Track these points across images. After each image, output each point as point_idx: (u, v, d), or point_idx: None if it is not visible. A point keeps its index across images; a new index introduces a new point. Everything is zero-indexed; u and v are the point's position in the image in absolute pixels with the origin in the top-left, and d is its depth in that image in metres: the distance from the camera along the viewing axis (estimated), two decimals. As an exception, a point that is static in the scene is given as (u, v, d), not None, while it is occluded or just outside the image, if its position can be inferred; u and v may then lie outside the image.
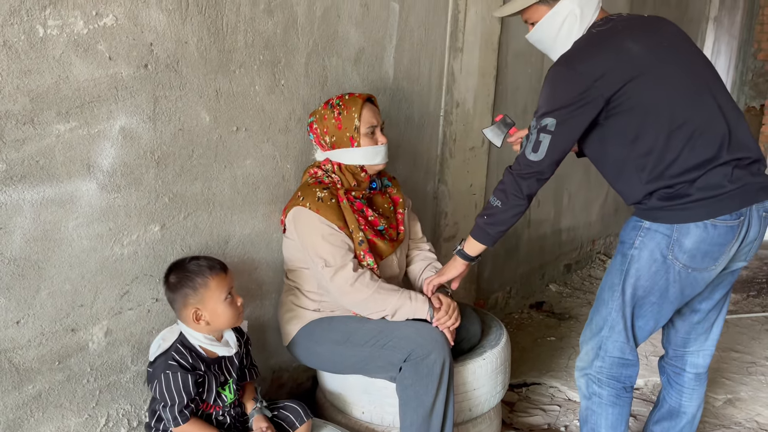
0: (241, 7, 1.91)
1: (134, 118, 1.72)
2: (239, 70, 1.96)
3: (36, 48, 1.50)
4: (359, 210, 2.05)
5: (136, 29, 1.68)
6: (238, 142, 2.01)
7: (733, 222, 1.73)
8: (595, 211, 4.63)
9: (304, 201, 1.99)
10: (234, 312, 1.76)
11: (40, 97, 1.53)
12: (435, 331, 1.94)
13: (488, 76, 3.05)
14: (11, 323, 1.58)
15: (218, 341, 1.78)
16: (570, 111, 1.74)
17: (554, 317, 3.79)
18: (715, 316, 2.03)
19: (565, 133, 1.77)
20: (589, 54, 1.76)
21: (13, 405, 1.62)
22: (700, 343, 2.08)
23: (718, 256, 1.77)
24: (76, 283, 1.69)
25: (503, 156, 3.37)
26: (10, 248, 1.54)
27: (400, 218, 2.20)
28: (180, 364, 1.68)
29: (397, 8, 2.47)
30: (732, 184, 1.71)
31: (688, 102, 1.73)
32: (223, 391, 1.79)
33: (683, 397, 2.14)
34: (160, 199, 1.83)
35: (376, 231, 2.07)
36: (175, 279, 1.73)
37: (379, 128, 2.08)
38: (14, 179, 1.52)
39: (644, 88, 1.71)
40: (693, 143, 1.71)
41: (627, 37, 1.75)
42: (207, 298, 1.72)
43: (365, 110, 2.03)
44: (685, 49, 1.82)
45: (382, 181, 2.21)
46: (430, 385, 1.87)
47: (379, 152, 2.07)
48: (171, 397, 1.66)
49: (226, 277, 1.76)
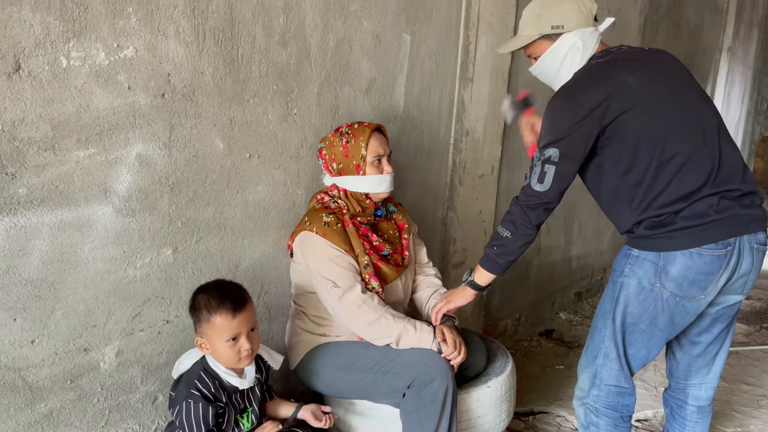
0: (256, 39, 1.98)
1: (150, 145, 1.79)
2: (253, 99, 2.02)
3: (59, 78, 1.57)
4: (364, 235, 2.09)
5: (155, 60, 1.75)
6: (251, 168, 2.06)
7: (719, 251, 1.75)
8: (606, 240, 4.64)
9: (311, 226, 2.03)
10: (233, 356, 1.71)
11: (61, 124, 1.59)
12: (438, 358, 1.96)
13: (498, 106, 3.09)
14: (26, 342, 1.63)
15: (235, 372, 1.77)
16: (570, 141, 1.79)
17: (563, 345, 3.78)
18: (716, 349, 2.03)
19: (567, 162, 1.82)
20: (588, 86, 1.81)
21: (25, 423, 1.66)
22: (701, 376, 2.07)
23: (706, 285, 1.79)
24: (89, 304, 1.74)
25: (513, 183, 3.41)
26: (28, 270, 1.60)
27: (405, 243, 2.23)
28: (202, 394, 1.69)
29: (408, 39, 2.53)
30: (718, 214, 1.74)
31: (678, 136, 1.77)
32: (241, 420, 1.81)
33: (686, 429, 2.14)
34: (173, 224, 1.89)
35: (380, 256, 2.10)
36: (194, 303, 1.75)
37: (385, 157, 2.11)
38: (34, 203, 1.58)
39: (638, 120, 1.76)
40: (681, 175, 1.76)
41: (625, 70, 1.81)
42: (209, 334, 1.71)
43: (372, 140, 2.08)
44: (681, 84, 1.87)
45: (387, 209, 2.25)
46: (432, 412, 1.89)
47: (384, 181, 2.11)
48: (190, 426, 1.67)
49: (233, 321, 1.69)
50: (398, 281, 2.18)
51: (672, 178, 1.76)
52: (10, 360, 1.61)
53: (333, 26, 2.21)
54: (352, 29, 2.28)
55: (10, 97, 1.50)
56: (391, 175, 2.12)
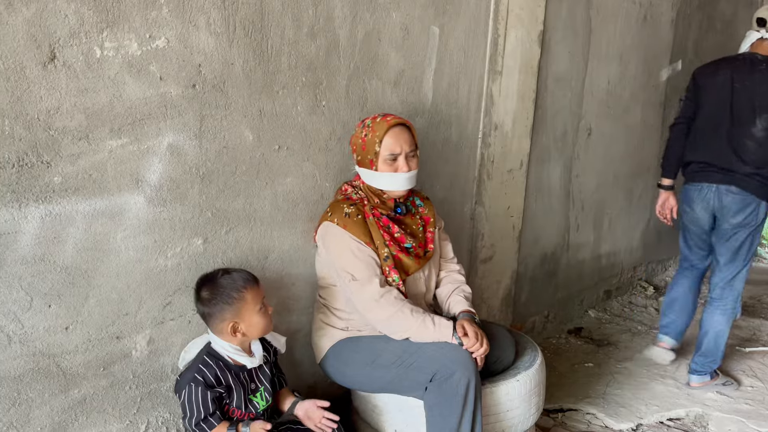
0: (285, 31, 1.99)
1: (181, 136, 1.80)
2: (282, 91, 2.03)
3: (93, 68, 1.59)
4: (385, 226, 2.07)
5: (186, 51, 1.76)
6: (280, 160, 2.07)
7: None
8: (637, 237, 4.56)
9: (332, 217, 2.04)
10: (267, 320, 1.83)
11: (95, 114, 1.62)
12: (460, 351, 1.94)
13: (527, 100, 3.06)
14: (60, 329, 1.65)
15: (245, 352, 1.83)
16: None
17: (593, 343, 3.73)
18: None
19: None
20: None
21: (59, 408, 1.69)
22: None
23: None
24: (122, 292, 1.76)
25: (542, 178, 3.37)
26: (63, 257, 1.63)
27: (429, 236, 2.20)
28: (205, 379, 1.73)
29: (437, 32, 2.52)
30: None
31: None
32: (254, 398, 1.83)
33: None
34: (203, 214, 1.90)
35: (401, 247, 2.08)
36: (209, 294, 1.78)
37: (403, 156, 2.03)
38: (69, 191, 1.60)
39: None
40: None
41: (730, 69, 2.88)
42: (244, 311, 1.77)
43: (389, 136, 2.02)
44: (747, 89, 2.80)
45: (407, 206, 2.20)
46: (454, 406, 1.87)
47: (396, 180, 2.05)
48: (191, 409, 1.72)
49: (259, 289, 1.83)
50: (420, 273, 2.16)
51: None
52: (45, 346, 1.63)
53: (362, 18, 2.21)
54: (380, 21, 2.28)
55: (45, 87, 1.52)
56: (406, 175, 2.05)
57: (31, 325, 1.60)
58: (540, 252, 3.54)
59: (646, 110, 4.17)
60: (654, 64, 4.12)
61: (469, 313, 2.13)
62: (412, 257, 2.10)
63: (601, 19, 3.52)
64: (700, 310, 3.30)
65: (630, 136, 4.07)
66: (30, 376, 1.62)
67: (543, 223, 3.50)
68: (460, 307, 2.15)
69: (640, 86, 4.03)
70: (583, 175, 3.73)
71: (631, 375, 3.28)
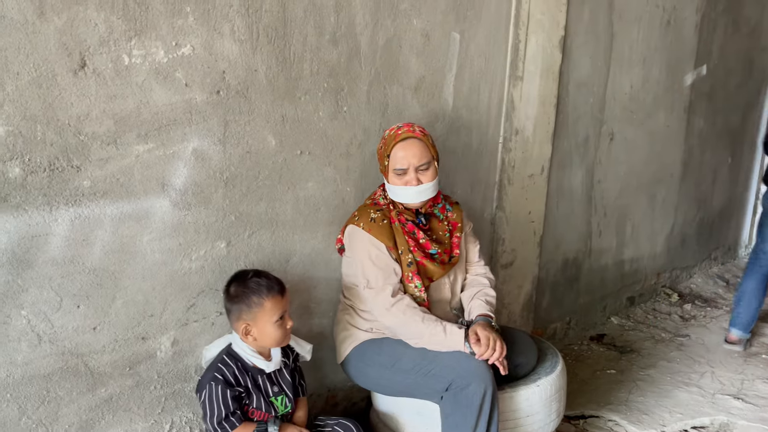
0: (307, 38, 2.02)
1: (206, 141, 1.84)
2: (304, 97, 2.06)
3: (121, 75, 1.64)
4: (410, 232, 2.09)
5: (211, 58, 1.80)
6: (302, 165, 2.10)
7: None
8: (661, 243, 4.51)
9: (359, 220, 2.07)
10: (281, 334, 1.82)
11: (123, 120, 1.66)
12: (475, 361, 1.93)
13: (548, 105, 3.06)
14: (89, 329, 1.70)
15: (263, 356, 1.85)
16: None
17: (615, 350, 3.70)
18: None
19: None
20: None
21: (87, 407, 1.73)
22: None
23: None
24: (147, 294, 1.80)
25: (563, 184, 3.36)
26: (91, 259, 1.67)
27: (456, 242, 2.21)
28: (225, 378, 1.76)
29: (457, 38, 2.54)
30: None
31: None
32: (275, 401, 1.86)
33: None
34: (227, 218, 1.94)
35: (426, 253, 2.10)
36: (235, 292, 1.81)
37: (412, 170, 2.02)
38: (97, 195, 1.65)
39: None
40: None
41: None
42: (259, 318, 1.79)
43: (397, 150, 2.02)
44: None
45: (426, 216, 2.17)
46: (469, 416, 1.88)
47: (407, 193, 2.05)
48: (212, 408, 1.74)
49: (282, 300, 1.82)
50: (445, 279, 2.17)
51: None
52: (73, 345, 1.68)
53: (383, 25, 2.24)
54: (401, 28, 2.30)
55: (76, 93, 1.57)
56: (415, 189, 2.03)
57: (60, 324, 1.65)
58: (561, 257, 3.53)
59: (670, 115, 4.13)
60: (678, 68, 4.09)
61: (486, 317, 2.11)
62: (437, 263, 2.11)
63: (624, 24, 3.50)
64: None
65: (653, 142, 4.04)
66: (59, 374, 1.67)
67: (564, 229, 3.49)
68: (478, 311, 2.15)
69: (663, 91, 4.00)
70: (605, 180, 3.71)
71: (655, 382, 3.25)
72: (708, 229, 5.02)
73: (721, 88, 4.59)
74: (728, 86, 4.67)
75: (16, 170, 1.51)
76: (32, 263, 1.57)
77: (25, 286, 1.57)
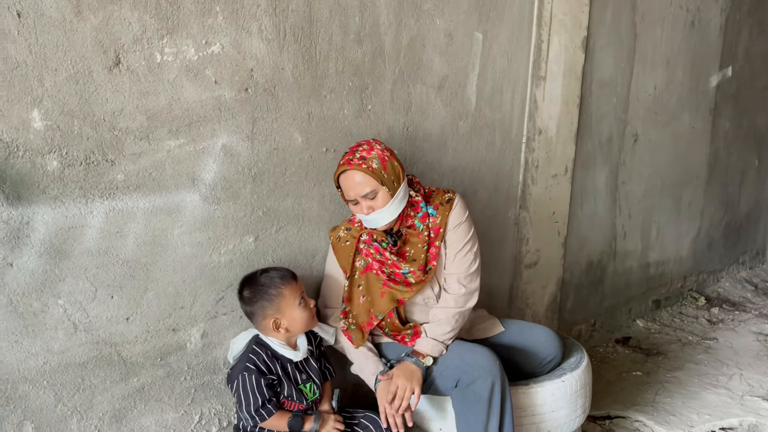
0: (333, 37, 2.06)
1: (235, 137, 1.89)
2: (330, 95, 2.10)
3: (154, 72, 1.69)
4: (376, 253, 2.02)
5: (239, 56, 1.85)
6: (327, 162, 2.14)
7: None
8: (687, 246, 4.47)
9: (334, 233, 2.11)
10: (309, 314, 1.89)
11: (155, 115, 1.71)
12: (481, 354, 1.93)
13: (572, 105, 3.07)
14: (122, 319, 1.75)
15: (291, 346, 1.89)
16: None
17: (641, 352, 3.66)
18: None
19: None
20: None
21: (120, 395, 1.78)
22: None
23: None
24: (178, 286, 1.84)
25: (587, 184, 3.36)
26: (124, 251, 1.72)
27: (433, 253, 2.04)
28: (257, 367, 1.80)
29: (480, 38, 2.56)
30: None
31: None
32: (304, 389, 1.89)
33: None
34: (255, 213, 1.98)
35: (392, 276, 2.02)
36: (250, 293, 1.85)
37: (361, 198, 1.92)
38: (130, 188, 1.70)
39: None
40: None
41: None
42: (284, 307, 1.83)
43: (342, 181, 1.95)
44: None
45: (394, 237, 2.05)
46: (479, 411, 1.88)
47: (364, 220, 1.98)
48: (246, 397, 1.77)
49: (297, 284, 1.88)
50: (419, 297, 2.08)
51: None
52: (107, 335, 1.73)
53: (406, 24, 2.27)
54: (425, 27, 2.34)
55: (111, 90, 1.63)
56: (369, 216, 1.94)
57: (95, 314, 1.70)
58: (586, 259, 3.52)
59: (695, 117, 4.11)
60: (703, 70, 4.06)
61: (416, 356, 1.98)
62: (402, 286, 2.01)
63: (647, 25, 3.50)
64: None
65: (678, 143, 4.01)
66: (93, 363, 1.72)
67: (589, 230, 3.48)
68: (417, 344, 2.02)
69: (688, 92, 3.98)
70: (630, 182, 3.70)
71: (682, 384, 3.21)
72: (735, 233, 4.95)
73: (747, 90, 4.54)
74: (754, 88, 4.62)
75: (54, 163, 1.57)
76: (69, 254, 1.63)
77: (62, 275, 1.63)
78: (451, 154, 2.55)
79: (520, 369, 2.17)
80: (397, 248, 2.04)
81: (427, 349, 1.98)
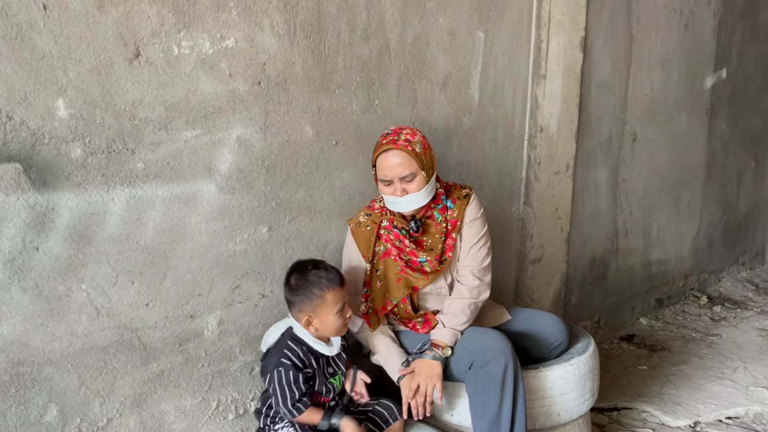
0: (341, 33, 2.13)
1: (248, 129, 1.95)
2: (339, 90, 2.16)
3: (171, 64, 1.76)
4: (395, 240, 2.08)
5: (252, 51, 1.92)
6: (337, 155, 2.20)
7: None
8: (687, 246, 4.52)
9: (353, 220, 2.15)
10: (342, 324, 1.87)
11: (173, 106, 1.77)
12: (493, 338, 1.97)
13: (571, 103, 3.14)
14: (142, 305, 1.79)
15: (324, 341, 1.89)
16: None
17: (646, 348, 3.70)
18: None
19: None
20: None
21: (140, 380, 1.81)
22: None
23: None
24: (195, 273, 1.89)
25: (588, 182, 3.42)
26: (144, 238, 1.77)
27: (449, 244, 2.11)
28: (292, 362, 1.80)
29: (482, 37, 2.64)
30: None
31: None
32: (333, 381, 1.92)
33: None
34: (268, 203, 2.03)
35: (409, 263, 2.08)
36: (296, 284, 1.84)
37: (398, 180, 1.96)
38: (149, 177, 1.75)
39: None
40: None
41: None
42: (321, 310, 1.83)
43: (380, 160, 1.98)
44: None
45: (417, 224, 2.09)
46: (492, 392, 1.91)
47: (394, 202, 2.01)
48: (283, 392, 1.78)
49: (342, 291, 1.85)
50: (432, 286, 2.14)
51: None
52: (128, 320, 1.77)
53: (411, 22, 2.35)
54: (428, 26, 2.41)
55: (131, 81, 1.69)
56: (401, 199, 1.98)
57: (117, 299, 1.74)
58: (589, 255, 3.57)
59: (691, 118, 4.18)
60: (698, 71, 4.15)
61: (435, 348, 2.00)
62: (419, 273, 2.07)
63: (642, 27, 3.59)
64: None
65: (675, 143, 4.09)
66: (115, 347, 1.76)
67: (591, 227, 3.53)
68: (434, 334, 2.06)
69: (684, 93, 4.06)
70: (630, 180, 3.76)
71: (687, 377, 3.25)
72: (734, 233, 5.01)
73: (741, 93, 4.63)
74: (748, 91, 4.71)
75: (77, 151, 1.63)
76: (91, 239, 1.68)
77: (85, 260, 1.67)
78: (456, 149, 2.61)
79: (528, 354, 2.21)
80: (415, 237, 2.09)
81: (446, 339, 2.01)
